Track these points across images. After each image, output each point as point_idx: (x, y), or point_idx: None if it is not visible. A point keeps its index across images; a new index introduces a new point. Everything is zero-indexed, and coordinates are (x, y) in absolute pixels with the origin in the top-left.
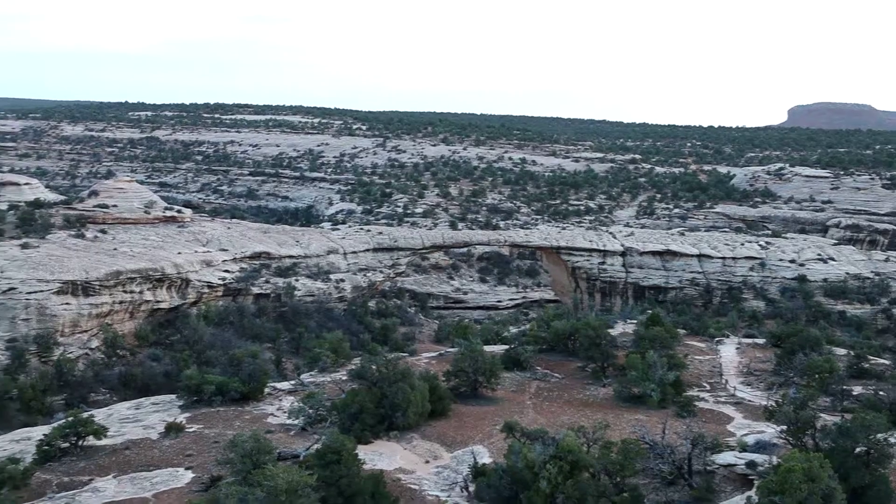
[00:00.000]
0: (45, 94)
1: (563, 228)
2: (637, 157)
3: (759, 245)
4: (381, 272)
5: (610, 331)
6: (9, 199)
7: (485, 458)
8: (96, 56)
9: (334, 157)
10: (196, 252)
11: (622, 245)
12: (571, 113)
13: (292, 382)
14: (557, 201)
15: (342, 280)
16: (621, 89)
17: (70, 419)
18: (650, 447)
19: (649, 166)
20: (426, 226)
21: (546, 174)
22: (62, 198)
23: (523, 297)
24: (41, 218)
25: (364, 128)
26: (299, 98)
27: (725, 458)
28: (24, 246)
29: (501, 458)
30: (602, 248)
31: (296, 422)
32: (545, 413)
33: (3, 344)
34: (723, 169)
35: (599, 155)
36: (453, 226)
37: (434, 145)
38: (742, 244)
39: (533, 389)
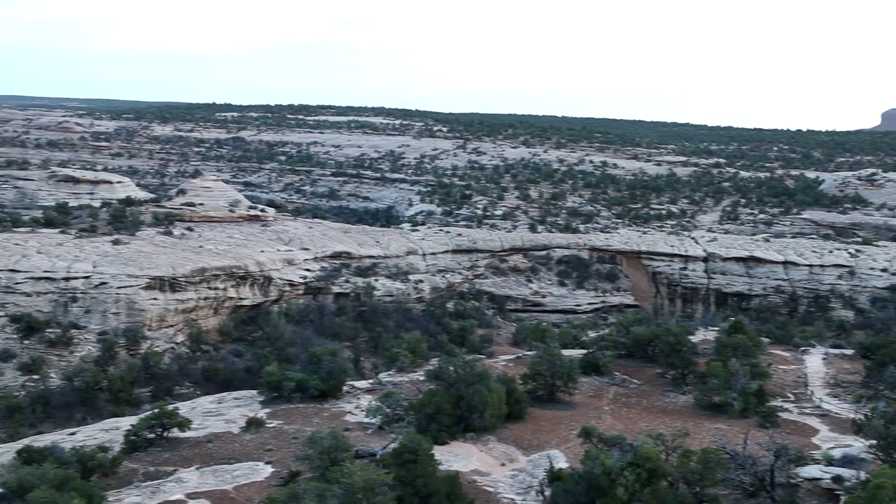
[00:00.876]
0: (137, 95)
1: (644, 233)
2: (721, 161)
3: (849, 253)
4: (459, 274)
5: (691, 338)
6: (102, 196)
7: (561, 463)
8: (187, 59)
9: (415, 158)
10: (278, 251)
11: (704, 250)
12: (655, 115)
13: (370, 381)
14: (639, 205)
15: (421, 281)
16: (706, 92)
17: (156, 411)
18: (731, 457)
19: (734, 171)
20: (505, 228)
21: (627, 177)
22: (152, 196)
23: (602, 302)
24: (132, 215)
25: (445, 130)
26: (381, 100)
27: (810, 471)
28: (116, 242)
29: (578, 463)
30: (684, 254)
31: (373, 420)
32: (623, 419)
33: (94, 336)
34: (811, 174)
35: (682, 158)
36: (533, 228)
37: (514, 147)
38: (830, 251)
39: (611, 395)
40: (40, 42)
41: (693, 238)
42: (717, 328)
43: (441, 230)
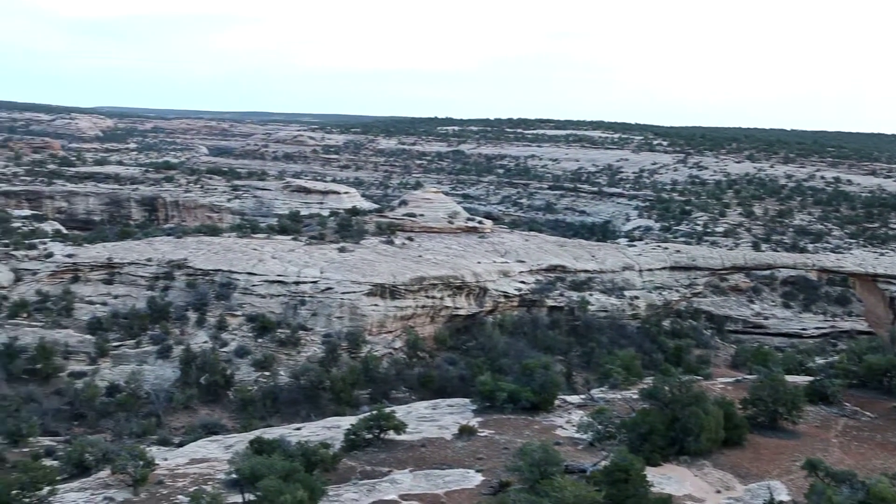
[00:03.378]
0: (365, 110)
1: (882, 254)
2: None
3: None
4: (677, 291)
5: None
6: (331, 206)
7: (782, 496)
8: (412, 75)
9: (633, 172)
10: (494, 262)
11: None
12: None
13: (582, 396)
14: (875, 224)
15: (636, 297)
16: None
17: (374, 413)
18: None
19: None
20: (727, 245)
21: (863, 195)
22: (375, 206)
23: (831, 327)
24: (357, 224)
25: (665, 143)
26: (600, 113)
27: None
28: (342, 250)
29: (801, 497)
30: None
31: (584, 436)
32: (853, 454)
33: (319, 338)
34: None
35: None
36: (756, 247)
37: (738, 162)
38: None
39: (840, 427)
40: (279, 62)
41: None
42: None
43: (659, 246)
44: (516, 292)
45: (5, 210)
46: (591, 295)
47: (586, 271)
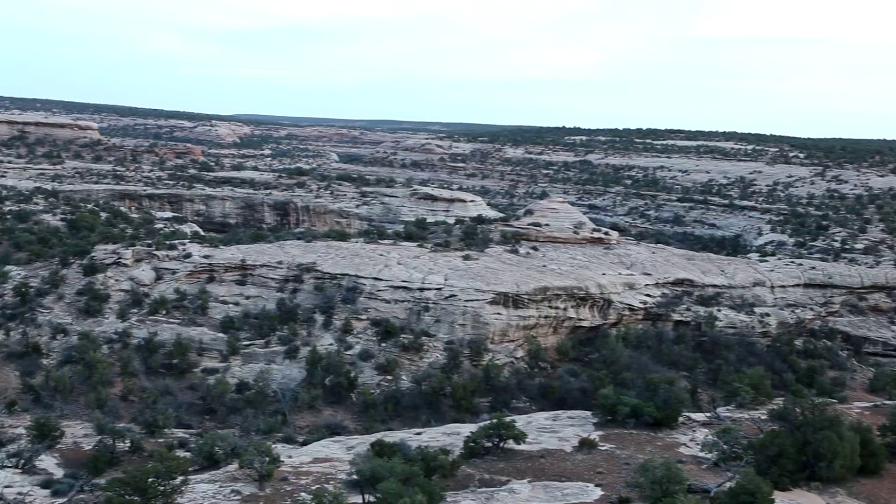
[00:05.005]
0: (493, 119)
1: None
2: None
3: None
4: (811, 310)
5: None
6: (456, 213)
7: None
8: (540, 84)
9: (766, 185)
10: (619, 274)
11: None
12: None
13: (707, 414)
14: None
15: (767, 314)
16: None
17: (494, 421)
18: None
19: None
20: (866, 263)
21: None
22: (501, 215)
23: None
24: (482, 233)
25: (801, 156)
26: (733, 124)
27: None
28: (466, 257)
29: None
30: None
31: (709, 455)
32: None
33: (441, 344)
34: None
35: None
36: None
37: (882, 176)
38: None
39: None
40: (409, 71)
41: None
42: None
43: (792, 262)
44: (641, 305)
45: (149, 212)
46: (718, 310)
47: (715, 286)
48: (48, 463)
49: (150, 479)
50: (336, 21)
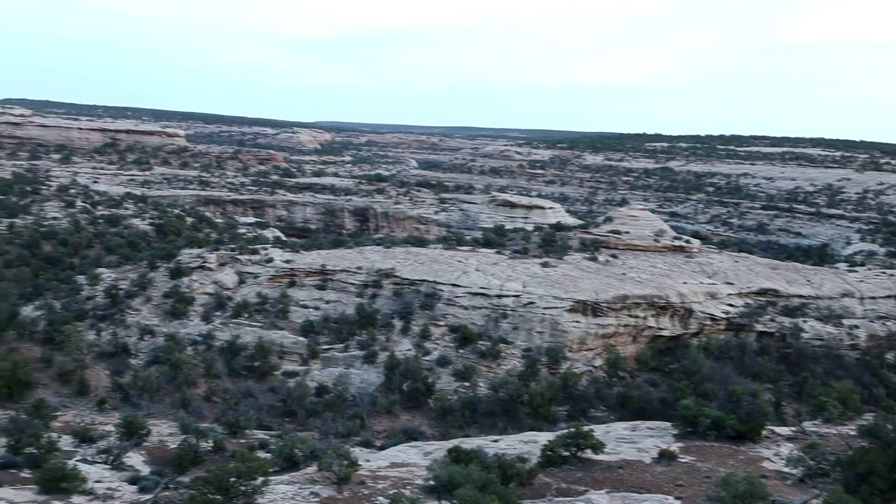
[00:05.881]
0: (572, 126)
1: None
2: None
3: None
4: None
5: None
6: (535, 220)
7: None
8: (620, 89)
9: (856, 193)
10: (701, 283)
11: None
12: None
13: (793, 429)
14: None
15: (856, 326)
16: None
17: (572, 430)
18: None
19: None
20: None
21: None
22: (580, 222)
23: None
24: (560, 240)
25: (893, 162)
26: (820, 130)
27: None
28: (545, 265)
29: None
30: None
31: (794, 471)
32: None
33: (519, 352)
34: None
35: None
36: None
37: None
38: None
39: None
40: (487, 78)
41: None
42: None
43: (884, 273)
44: (723, 315)
45: (233, 217)
46: (804, 321)
47: (800, 296)
48: (135, 460)
49: (232, 479)
50: (412, 29)
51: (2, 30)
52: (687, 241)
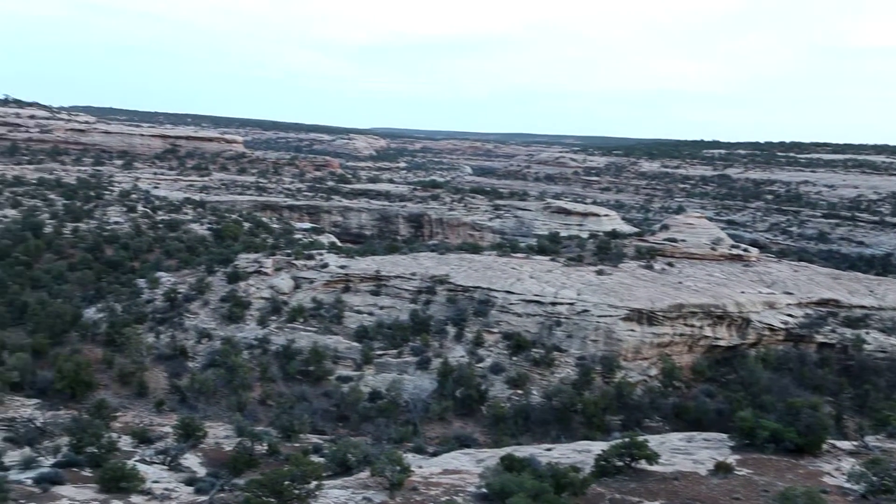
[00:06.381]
0: (628, 132)
1: None
2: None
3: None
4: None
5: None
6: (590, 228)
7: None
8: (677, 96)
9: None
10: (759, 293)
11: None
12: None
13: (854, 443)
14: None
15: None
16: None
17: (626, 440)
18: None
19: None
20: None
21: None
22: (635, 230)
23: None
24: (616, 248)
25: None
26: (884, 136)
27: None
28: (600, 273)
29: None
30: None
31: (856, 487)
32: None
33: (573, 360)
34: None
35: None
36: None
37: None
38: None
39: None
40: (541, 84)
41: None
42: None
43: None
44: (782, 325)
45: (289, 222)
46: (867, 333)
47: (863, 307)
48: (192, 461)
49: (286, 483)
50: (468, 36)
51: (69, 40)
52: (745, 250)
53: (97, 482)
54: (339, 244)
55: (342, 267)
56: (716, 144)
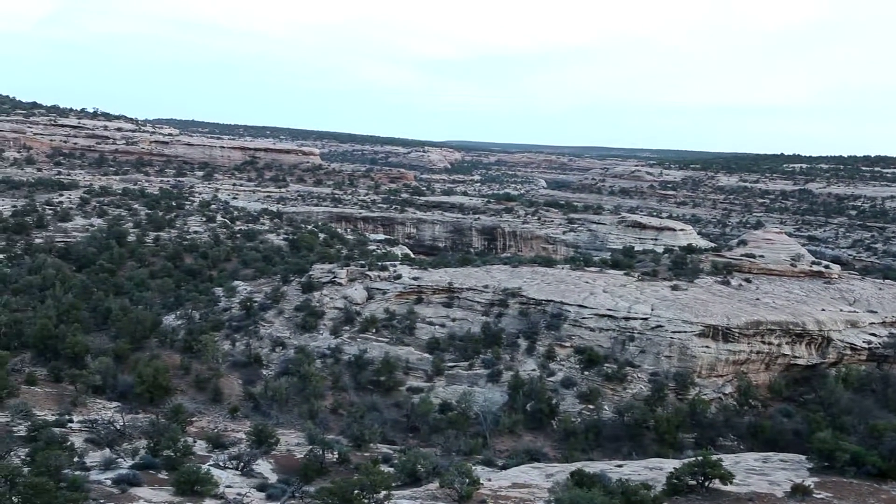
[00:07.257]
0: (705, 146)
1: None
2: None
3: None
4: None
5: None
6: (665, 242)
7: None
8: (756, 109)
9: None
10: (841, 311)
11: None
12: None
13: None
14: None
15: None
16: None
17: (700, 459)
18: None
19: None
20: None
21: None
22: (712, 245)
23: None
24: (691, 262)
25: None
26: None
27: None
28: (674, 288)
29: None
30: None
31: None
32: None
33: (646, 376)
34: None
35: None
36: None
37: None
38: None
39: None
40: (616, 97)
41: None
42: None
43: None
44: (865, 345)
45: (364, 234)
46: None
47: None
48: (264, 467)
49: (356, 492)
50: (544, 49)
51: (154, 55)
52: (826, 267)
53: (173, 485)
54: (413, 256)
55: (415, 278)
56: (797, 158)
